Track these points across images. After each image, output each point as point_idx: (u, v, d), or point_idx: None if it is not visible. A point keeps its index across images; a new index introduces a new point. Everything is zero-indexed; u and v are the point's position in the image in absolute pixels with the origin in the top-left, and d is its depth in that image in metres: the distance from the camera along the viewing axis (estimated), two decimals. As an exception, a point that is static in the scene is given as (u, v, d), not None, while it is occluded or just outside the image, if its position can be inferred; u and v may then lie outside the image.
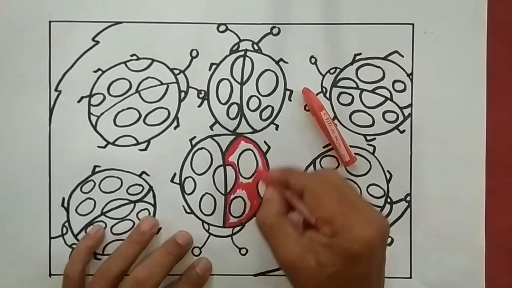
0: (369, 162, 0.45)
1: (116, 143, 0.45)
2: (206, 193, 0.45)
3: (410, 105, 0.44)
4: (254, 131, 0.45)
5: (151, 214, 0.45)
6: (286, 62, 0.44)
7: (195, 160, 0.45)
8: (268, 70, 0.44)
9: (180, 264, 0.43)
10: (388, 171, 0.45)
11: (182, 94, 0.44)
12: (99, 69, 0.44)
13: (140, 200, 0.45)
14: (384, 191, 0.45)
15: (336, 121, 0.44)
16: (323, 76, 0.44)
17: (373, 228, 0.34)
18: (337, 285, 0.34)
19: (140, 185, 0.45)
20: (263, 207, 0.38)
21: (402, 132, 0.44)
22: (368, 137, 0.45)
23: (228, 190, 0.45)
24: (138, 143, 0.45)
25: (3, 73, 0.44)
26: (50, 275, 0.45)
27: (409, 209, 0.45)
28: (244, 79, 0.44)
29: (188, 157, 0.45)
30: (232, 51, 0.44)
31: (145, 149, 0.45)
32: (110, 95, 0.44)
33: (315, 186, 0.36)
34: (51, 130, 0.44)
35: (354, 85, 0.44)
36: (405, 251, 0.45)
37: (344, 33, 0.44)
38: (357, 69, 0.44)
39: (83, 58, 0.44)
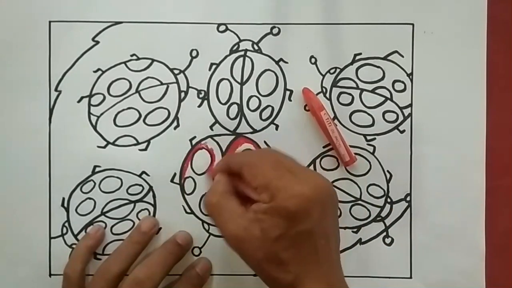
0: (369, 162, 0.45)
1: (116, 143, 0.45)
2: (206, 193, 0.45)
3: (410, 105, 0.44)
4: (254, 131, 0.45)
5: (151, 214, 0.45)
6: (286, 62, 0.44)
7: (195, 160, 0.45)
8: (268, 70, 0.44)
9: (180, 264, 0.43)
10: (388, 171, 0.45)
11: (182, 94, 0.44)
12: (99, 69, 0.44)
13: (140, 200, 0.45)
14: (384, 191, 0.45)
15: (336, 121, 0.44)
16: (323, 76, 0.44)
17: (307, 186, 0.35)
18: (283, 247, 0.34)
19: (140, 185, 0.45)
20: (209, 189, 0.39)
21: (402, 132, 0.44)
22: (368, 137, 0.45)
23: (228, 190, 0.45)
24: (138, 143, 0.45)
25: (3, 73, 0.44)
26: (50, 275, 0.45)
27: (409, 209, 0.45)
28: (244, 79, 0.44)
29: (188, 157, 0.45)
30: (232, 51, 0.44)
31: (145, 149, 0.45)
32: (110, 95, 0.44)
33: (250, 159, 0.37)
34: (51, 130, 0.44)
35: (354, 85, 0.44)
36: (405, 251, 0.45)
37: (344, 33, 0.44)
38: (357, 69, 0.44)
39: (83, 58, 0.44)
